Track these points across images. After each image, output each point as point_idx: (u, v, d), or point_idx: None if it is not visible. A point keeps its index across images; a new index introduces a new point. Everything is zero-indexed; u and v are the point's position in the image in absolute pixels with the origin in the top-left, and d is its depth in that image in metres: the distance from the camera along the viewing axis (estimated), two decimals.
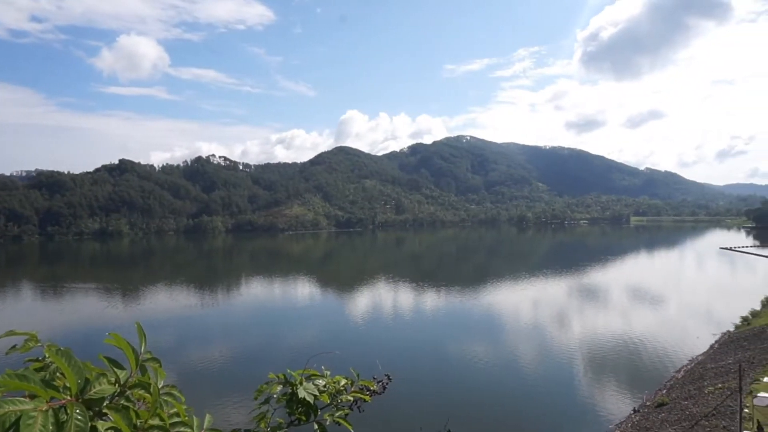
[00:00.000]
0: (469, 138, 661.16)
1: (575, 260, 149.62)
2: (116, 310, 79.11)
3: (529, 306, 79.94)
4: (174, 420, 2.37)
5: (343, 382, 3.39)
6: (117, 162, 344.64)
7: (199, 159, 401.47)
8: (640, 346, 55.66)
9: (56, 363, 2.03)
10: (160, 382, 2.42)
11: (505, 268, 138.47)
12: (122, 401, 2.13)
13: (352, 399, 3.37)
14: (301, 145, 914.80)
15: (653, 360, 51.37)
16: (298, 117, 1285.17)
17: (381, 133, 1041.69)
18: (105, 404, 2.02)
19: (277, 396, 3.19)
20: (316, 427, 3.08)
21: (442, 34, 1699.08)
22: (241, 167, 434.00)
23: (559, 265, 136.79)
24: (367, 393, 3.46)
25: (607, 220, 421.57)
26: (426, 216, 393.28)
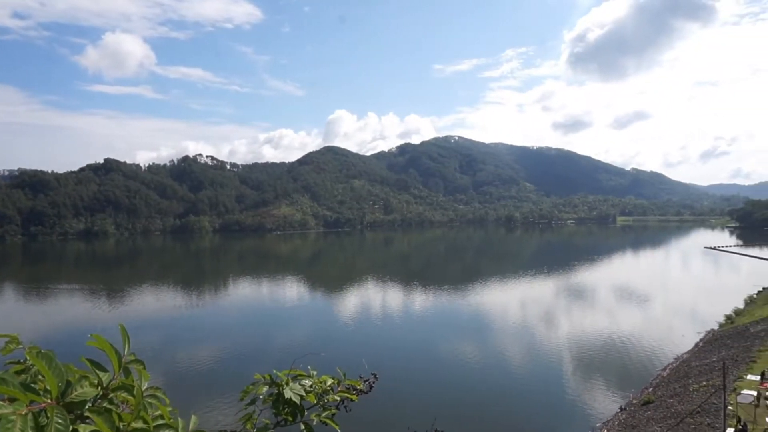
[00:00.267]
0: (457, 138, 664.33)
1: (563, 260, 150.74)
2: (101, 312, 78.24)
3: (516, 306, 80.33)
4: (158, 422, 2.34)
5: (330, 382, 3.36)
6: (102, 161, 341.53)
7: (186, 158, 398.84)
8: (626, 345, 56.15)
9: (36, 366, 2.03)
10: (144, 384, 2.38)
11: (493, 267, 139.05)
12: (105, 404, 2.09)
13: (339, 399, 3.34)
14: (289, 144, 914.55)
15: (639, 358, 51.84)
16: (286, 116, 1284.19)
17: (369, 132, 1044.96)
18: (87, 407, 1.98)
19: (263, 397, 3.15)
20: (302, 427, 3.05)
21: (431, 34, 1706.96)
22: (228, 167, 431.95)
23: (547, 264, 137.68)
24: (353, 392, 3.43)
25: (594, 220, 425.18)
26: (414, 216, 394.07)
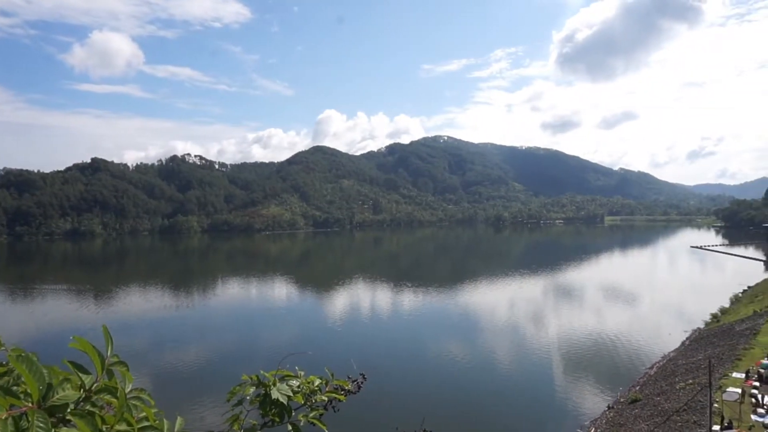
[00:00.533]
0: (446, 138, 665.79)
1: (551, 259, 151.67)
2: (88, 312, 77.45)
3: (505, 305, 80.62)
4: (143, 424, 2.32)
5: (318, 382, 3.33)
6: (89, 161, 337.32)
7: (174, 158, 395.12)
8: (614, 344, 56.58)
9: (17, 369, 1.98)
10: (128, 386, 2.35)
11: (482, 267, 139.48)
12: (87, 407, 2.06)
13: (327, 399, 3.32)
14: (278, 144, 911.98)
15: (627, 357, 52.27)
16: (275, 116, 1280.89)
17: (359, 132, 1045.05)
18: (69, 410, 1.94)
19: (250, 397, 3.11)
20: (290, 428, 3.02)
21: (420, 35, 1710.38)
22: (217, 166, 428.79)
23: (536, 264, 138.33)
24: (341, 393, 3.41)
25: (582, 220, 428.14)
26: (403, 216, 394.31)
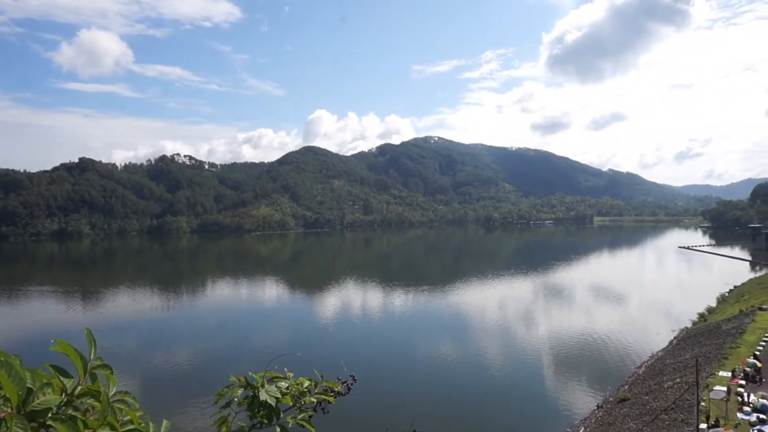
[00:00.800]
0: (437, 139, 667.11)
1: (541, 260, 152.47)
2: (75, 314, 76.69)
3: (495, 305, 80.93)
4: (128, 427, 2.26)
5: (307, 384, 3.29)
6: (77, 160, 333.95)
7: (163, 158, 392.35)
8: (603, 343, 56.97)
9: None
10: (113, 390, 2.27)
11: (472, 267, 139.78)
12: (69, 411, 1.99)
13: (316, 401, 3.29)
14: (269, 144, 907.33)
15: (616, 357, 52.64)
16: (266, 116, 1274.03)
17: (349, 133, 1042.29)
18: (50, 415, 1.89)
19: (238, 399, 3.08)
20: (278, 430, 2.98)
21: (410, 36, 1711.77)
22: (206, 167, 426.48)
23: (525, 264, 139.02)
24: (331, 394, 3.37)
25: (572, 220, 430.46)
26: (394, 216, 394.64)
